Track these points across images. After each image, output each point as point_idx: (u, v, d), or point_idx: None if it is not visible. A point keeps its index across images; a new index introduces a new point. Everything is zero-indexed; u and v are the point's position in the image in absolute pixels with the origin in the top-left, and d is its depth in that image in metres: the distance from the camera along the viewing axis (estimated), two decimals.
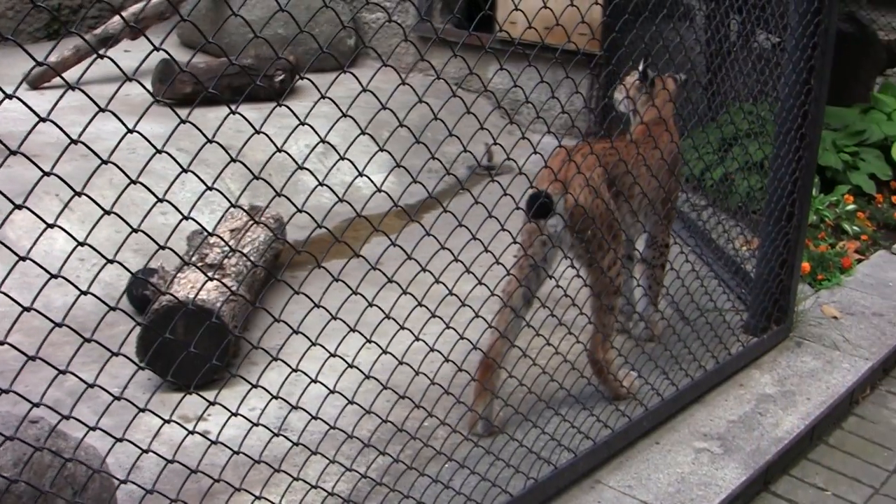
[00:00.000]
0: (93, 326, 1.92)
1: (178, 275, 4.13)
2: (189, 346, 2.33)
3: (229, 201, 2.08)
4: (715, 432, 3.82)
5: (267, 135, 2.12)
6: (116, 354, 1.93)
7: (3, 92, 1.63)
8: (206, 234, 3.24)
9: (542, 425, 3.37)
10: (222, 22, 2.20)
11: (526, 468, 3.21)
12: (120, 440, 2.07)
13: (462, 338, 2.83)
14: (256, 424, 2.39)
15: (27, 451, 2.38)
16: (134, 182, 1.80)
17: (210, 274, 3.99)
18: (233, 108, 2.02)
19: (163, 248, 1.97)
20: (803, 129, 4.23)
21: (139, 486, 2.26)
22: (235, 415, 2.32)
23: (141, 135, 1.81)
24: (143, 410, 2.10)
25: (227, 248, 4.30)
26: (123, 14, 6.02)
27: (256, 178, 2.10)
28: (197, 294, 2.72)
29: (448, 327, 2.76)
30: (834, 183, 6.66)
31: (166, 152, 1.89)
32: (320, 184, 2.29)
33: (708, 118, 5.47)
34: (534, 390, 3.30)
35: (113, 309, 1.90)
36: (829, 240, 5.91)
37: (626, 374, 3.92)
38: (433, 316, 2.68)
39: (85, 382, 1.90)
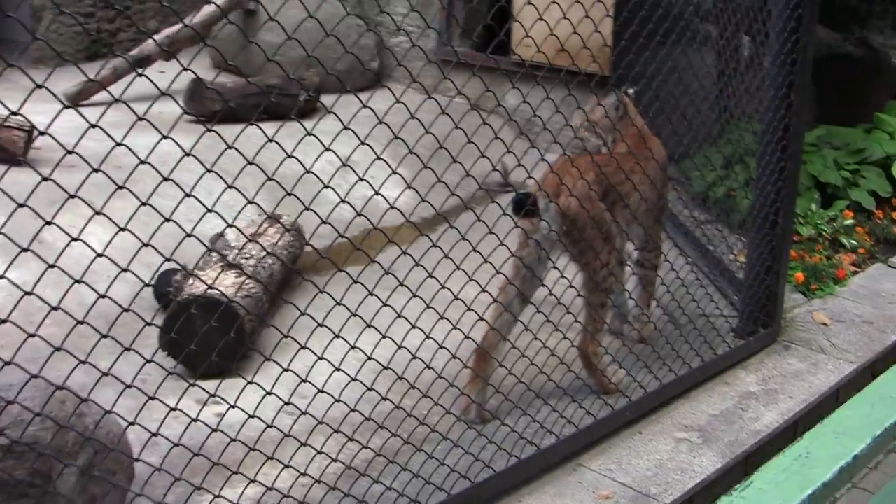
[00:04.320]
0: (124, 320, 2.28)
1: (199, 272, 4.44)
2: (207, 335, 2.61)
3: (248, 201, 2.42)
4: (696, 424, 4.09)
5: (297, 158, 2.47)
6: (129, 349, 2.29)
7: (63, 103, 1.99)
8: (226, 226, 3.55)
9: (531, 414, 3.68)
10: (249, 44, 2.50)
11: (511, 450, 3.51)
12: (151, 399, 2.41)
13: (458, 330, 3.17)
14: (278, 399, 2.74)
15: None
16: (166, 179, 2.15)
17: (230, 273, 4.32)
18: (268, 133, 2.37)
19: (188, 235, 2.32)
20: (785, 141, 4.51)
21: (167, 438, 2.59)
22: (269, 393, 2.70)
23: (174, 140, 2.16)
24: (155, 394, 2.47)
25: (246, 251, 4.61)
26: (157, 38, 6.34)
27: (289, 194, 2.46)
28: (211, 286, 2.96)
29: (455, 328, 3.15)
30: (834, 199, 6.84)
31: (194, 156, 2.24)
32: (342, 200, 2.65)
33: (715, 136, 5.70)
34: (524, 384, 3.63)
35: (127, 310, 2.26)
36: (825, 252, 6.10)
37: (615, 371, 4.19)
38: (441, 318, 3.09)
39: (101, 373, 2.31)
